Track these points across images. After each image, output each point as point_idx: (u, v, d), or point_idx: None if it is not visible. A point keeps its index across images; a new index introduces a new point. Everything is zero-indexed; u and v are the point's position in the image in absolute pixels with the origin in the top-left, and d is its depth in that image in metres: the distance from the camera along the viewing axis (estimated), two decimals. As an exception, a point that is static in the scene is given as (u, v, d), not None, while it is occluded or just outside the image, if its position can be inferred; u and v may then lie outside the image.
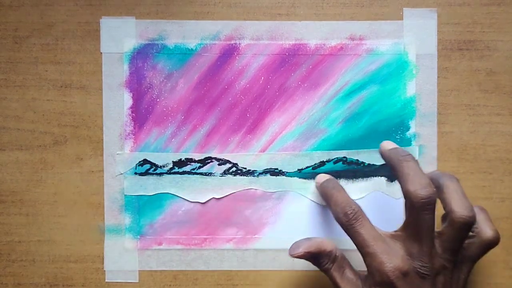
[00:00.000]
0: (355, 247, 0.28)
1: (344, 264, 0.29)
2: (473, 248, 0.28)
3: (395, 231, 0.29)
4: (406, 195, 0.27)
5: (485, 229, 0.29)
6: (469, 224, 0.26)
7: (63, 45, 0.33)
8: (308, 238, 0.30)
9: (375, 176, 0.33)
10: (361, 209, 0.28)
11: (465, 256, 0.28)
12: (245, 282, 0.33)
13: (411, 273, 0.27)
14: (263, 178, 0.33)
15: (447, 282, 0.27)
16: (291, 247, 0.29)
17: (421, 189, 0.26)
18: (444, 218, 0.28)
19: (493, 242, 0.28)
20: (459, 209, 0.27)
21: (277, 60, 0.33)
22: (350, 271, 0.29)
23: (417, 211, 0.26)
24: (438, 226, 0.28)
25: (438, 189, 0.28)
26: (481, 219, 0.29)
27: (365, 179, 0.34)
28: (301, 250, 0.29)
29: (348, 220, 0.28)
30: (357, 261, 0.29)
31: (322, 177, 0.32)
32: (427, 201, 0.26)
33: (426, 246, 0.27)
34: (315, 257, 0.29)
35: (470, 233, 0.29)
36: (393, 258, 0.27)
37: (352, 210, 0.28)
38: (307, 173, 0.33)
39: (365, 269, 0.28)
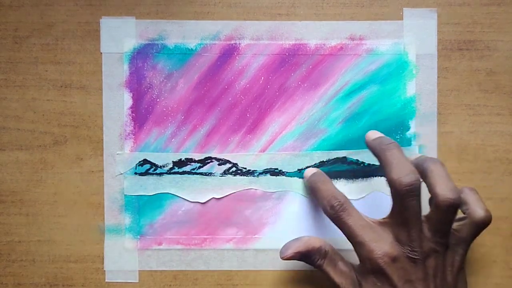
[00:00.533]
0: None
1: (335, 258, 0.30)
2: (466, 229, 0.28)
3: (383, 218, 0.29)
4: (390, 183, 0.27)
5: (476, 209, 0.28)
6: (454, 205, 0.26)
7: (63, 45, 0.33)
8: (296, 238, 0.30)
9: (375, 176, 0.33)
10: (347, 200, 0.29)
11: (459, 238, 0.28)
12: (245, 282, 0.33)
13: (400, 258, 0.27)
14: (263, 178, 0.33)
15: (439, 265, 0.27)
16: (280, 250, 0.30)
17: (404, 177, 0.26)
18: (431, 201, 0.28)
19: (484, 222, 0.28)
20: (443, 192, 0.27)
21: (277, 60, 0.33)
22: (343, 263, 0.30)
23: (402, 198, 0.27)
24: (427, 210, 0.28)
25: (423, 174, 0.28)
26: (471, 200, 0.29)
27: (365, 179, 0.34)
28: (290, 252, 0.29)
29: (335, 212, 0.28)
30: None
31: (309, 171, 0.32)
32: (410, 188, 0.26)
33: (414, 231, 0.27)
34: (306, 256, 0.29)
35: (462, 215, 0.29)
36: (382, 245, 0.27)
37: (338, 202, 0.28)
38: (307, 173, 0.33)
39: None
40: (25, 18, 0.33)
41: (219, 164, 0.33)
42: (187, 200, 0.33)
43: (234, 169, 0.33)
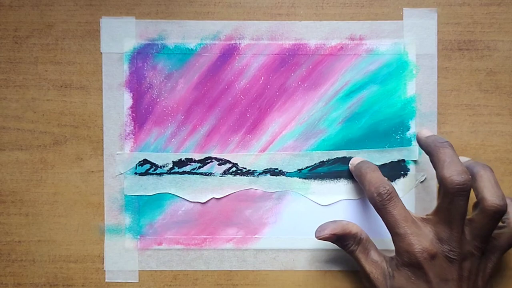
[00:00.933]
0: None
1: (369, 246, 0.30)
2: (503, 238, 0.29)
3: (427, 215, 0.29)
4: (442, 180, 0.27)
5: None
6: (499, 212, 0.27)
7: (63, 45, 0.33)
8: (333, 221, 0.30)
9: (375, 176, 0.33)
10: (394, 190, 0.29)
11: (495, 246, 0.29)
12: (245, 282, 0.33)
13: (439, 256, 0.27)
14: (263, 178, 0.33)
15: (473, 268, 0.28)
16: (316, 230, 0.30)
17: (456, 175, 0.27)
18: (476, 206, 0.29)
19: None
20: (491, 197, 0.27)
21: (277, 60, 0.33)
22: (375, 253, 0.30)
23: (451, 196, 0.27)
24: (470, 214, 0.29)
25: (472, 178, 0.28)
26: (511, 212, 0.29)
27: (365, 179, 0.34)
28: (326, 232, 0.30)
29: (382, 200, 0.28)
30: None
31: (356, 159, 0.32)
32: (462, 187, 0.26)
33: (456, 231, 0.27)
34: (340, 239, 0.30)
35: (501, 223, 0.29)
36: (422, 240, 0.27)
37: (387, 190, 0.28)
38: (307, 173, 0.33)
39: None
40: (25, 18, 0.33)
41: (219, 164, 0.33)
42: (187, 200, 0.33)
43: (234, 169, 0.33)
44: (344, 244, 0.30)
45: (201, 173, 0.33)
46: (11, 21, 0.33)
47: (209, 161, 0.33)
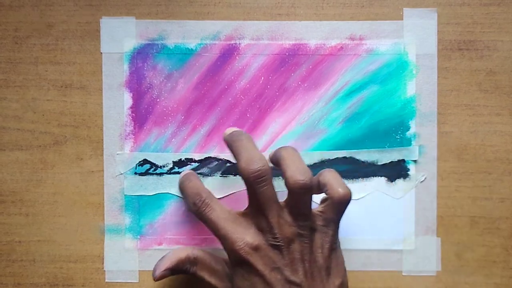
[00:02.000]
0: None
1: (206, 260, 0.30)
2: (330, 210, 0.28)
3: (245, 209, 0.29)
4: (239, 172, 0.27)
5: (335, 188, 0.28)
6: (306, 187, 0.26)
7: (63, 45, 0.33)
8: (162, 257, 0.30)
9: (375, 176, 0.33)
10: (210, 195, 0.29)
11: (326, 219, 0.28)
12: (245, 282, 0.33)
13: (262, 246, 0.27)
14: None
15: (305, 248, 0.27)
16: (152, 274, 0.30)
17: (250, 164, 0.27)
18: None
19: (344, 200, 0.28)
20: (293, 174, 0.27)
21: (277, 60, 0.33)
22: (215, 262, 0.30)
23: (252, 185, 0.27)
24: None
25: (278, 163, 0.29)
26: (329, 180, 0.29)
27: (365, 179, 0.34)
28: (158, 272, 0.29)
29: (198, 208, 0.29)
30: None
31: (182, 173, 0.32)
32: (258, 174, 0.26)
33: (272, 217, 0.27)
34: (176, 269, 0.30)
35: (326, 195, 0.29)
36: (243, 235, 0.27)
37: (199, 198, 0.29)
38: (307, 173, 0.33)
39: None
40: (25, 18, 0.33)
41: (219, 164, 0.33)
42: (187, 200, 0.33)
43: (234, 169, 0.33)
44: (183, 271, 0.30)
45: (201, 173, 0.33)
46: (11, 21, 0.33)
47: (209, 161, 0.33)
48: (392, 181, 0.33)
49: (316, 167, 0.33)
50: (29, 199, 0.33)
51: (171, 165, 0.33)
